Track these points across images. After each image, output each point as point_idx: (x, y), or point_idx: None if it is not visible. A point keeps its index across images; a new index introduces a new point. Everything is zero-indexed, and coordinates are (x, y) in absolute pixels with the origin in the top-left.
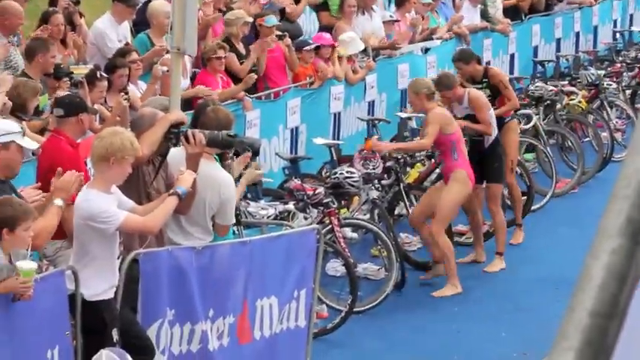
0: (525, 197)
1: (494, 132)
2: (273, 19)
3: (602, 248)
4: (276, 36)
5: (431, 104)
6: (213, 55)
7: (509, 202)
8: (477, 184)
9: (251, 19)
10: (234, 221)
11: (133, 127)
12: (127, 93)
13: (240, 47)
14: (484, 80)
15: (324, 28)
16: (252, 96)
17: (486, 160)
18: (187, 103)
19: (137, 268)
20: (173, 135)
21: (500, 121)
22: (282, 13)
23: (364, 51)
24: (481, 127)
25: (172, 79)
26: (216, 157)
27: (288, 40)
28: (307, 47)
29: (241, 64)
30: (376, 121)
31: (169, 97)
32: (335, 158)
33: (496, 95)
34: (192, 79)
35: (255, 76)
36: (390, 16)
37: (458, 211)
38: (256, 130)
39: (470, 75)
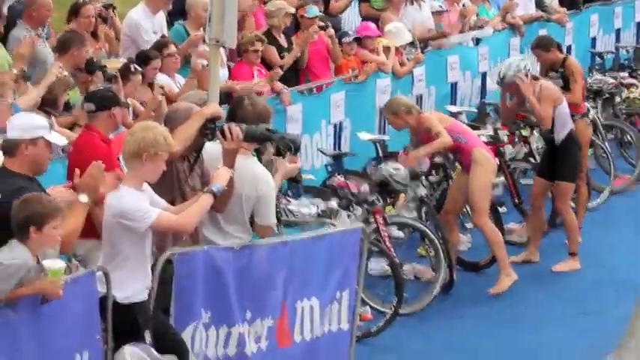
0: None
1: (566, 128)
2: (314, 10)
3: None
4: (319, 27)
5: (413, 117)
6: (251, 47)
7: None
8: (547, 181)
9: (293, 10)
10: (274, 221)
11: (167, 122)
12: (162, 87)
13: (282, 39)
14: (560, 70)
15: (365, 20)
16: (292, 89)
17: (558, 157)
18: (226, 97)
19: (171, 268)
20: (209, 130)
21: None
22: (325, 3)
23: (412, 43)
24: (539, 113)
25: (211, 72)
26: (254, 152)
27: (331, 31)
28: (347, 39)
29: (282, 57)
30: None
31: (207, 91)
32: (380, 154)
33: (568, 87)
34: (228, 71)
35: (281, 72)
36: (440, 7)
37: (490, 192)
38: (298, 125)
39: (550, 63)
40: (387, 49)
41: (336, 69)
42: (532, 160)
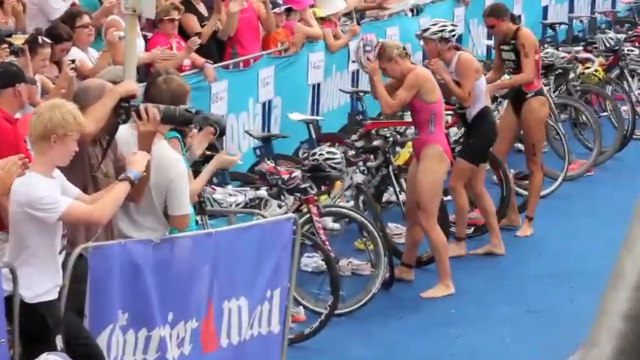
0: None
1: (479, 104)
2: None
3: None
4: None
5: (409, 64)
6: (166, 16)
7: (521, 190)
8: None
9: None
10: (189, 211)
11: (76, 101)
12: (72, 61)
13: (202, 8)
14: (512, 42)
15: None
16: (216, 64)
17: (467, 135)
18: (145, 74)
19: (84, 264)
20: (123, 110)
21: (520, 96)
22: None
23: (347, 14)
24: (457, 92)
25: (127, 46)
26: (178, 134)
27: None
28: (277, 9)
29: (202, 26)
30: (362, 94)
31: (124, 67)
32: (314, 137)
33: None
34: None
35: (199, 40)
36: None
37: (440, 193)
38: (223, 105)
39: (502, 34)
40: (320, 20)
41: (264, 42)
42: None
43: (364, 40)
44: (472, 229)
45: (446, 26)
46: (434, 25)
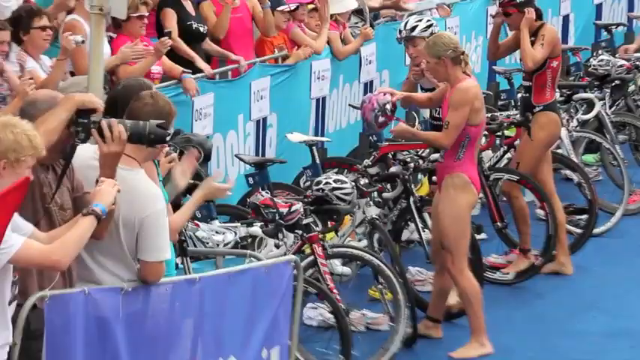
0: (587, 216)
1: None
2: None
3: None
4: None
5: (459, 72)
6: (134, 13)
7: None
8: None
9: None
10: (167, 257)
11: (22, 118)
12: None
13: (189, 6)
14: (531, 39)
15: None
16: (199, 75)
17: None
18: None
19: (38, 318)
20: (81, 127)
21: (528, 109)
22: None
23: (358, 12)
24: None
25: (92, 51)
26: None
27: None
28: (282, 7)
29: (189, 27)
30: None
31: (88, 76)
32: (318, 162)
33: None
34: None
35: (170, 41)
36: None
37: (467, 229)
38: (208, 123)
39: (517, 27)
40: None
41: (257, 47)
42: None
43: (376, 105)
44: (512, 273)
45: (432, 23)
46: (419, 21)
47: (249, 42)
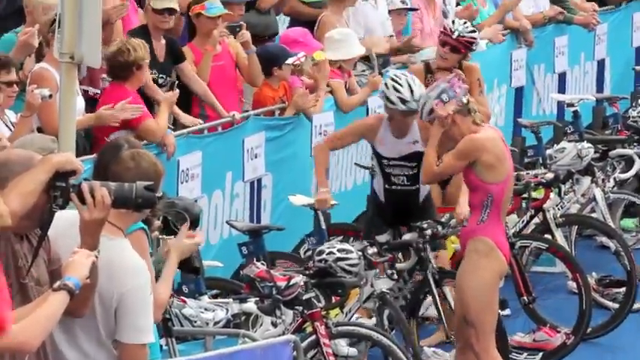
0: (625, 289)
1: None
2: (217, 5)
3: None
4: (228, 28)
5: (470, 124)
6: (142, 61)
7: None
8: None
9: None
10: (151, 339)
11: None
12: None
13: (159, 50)
14: None
15: (293, 23)
16: (181, 131)
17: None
18: (87, 142)
19: None
20: (59, 191)
21: None
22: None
23: (366, 59)
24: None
25: (62, 106)
26: (144, 225)
27: (247, 35)
28: (292, 60)
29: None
30: None
31: (58, 133)
32: (323, 227)
33: None
34: (92, 101)
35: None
36: (402, 2)
37: (494, 302)
38: (196, 185)
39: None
40: (321, 65)
41: (255, 99)
42: (548, 236)
43: (455, 90)
44: (539, 355)
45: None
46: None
47: (233, 93)
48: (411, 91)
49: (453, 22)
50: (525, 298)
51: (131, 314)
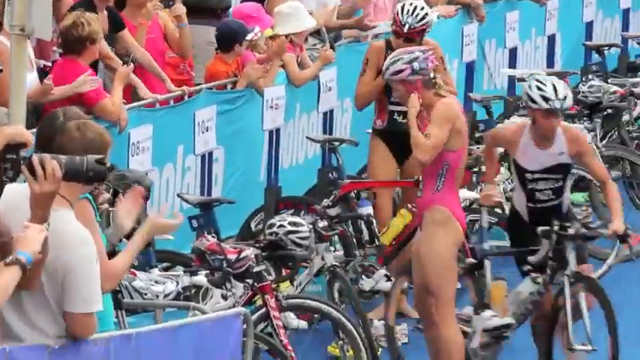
0: None
1: None
2: None
3: None
4: (161, 1)
5: (431, 95)
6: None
7: None
8: None
9: None
10: (98, 308)
11: None
12: None
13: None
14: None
15: None
16: (135, 104)
17: None
18: (35, 114)
19: None
20: (10, 163)
21: None
22: None
23: (316, 33)
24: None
25: (13, 78)
26: (89, 195)
27: (180, 9)
28: (250, 36)
29: None
30: (337, 143)
31: (8, 104)
32: (270, 201)
33: None
34: (41, 73)
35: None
36: None
37: (453, 270)
38: (146, 158)
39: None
40: (273, 39)
41: (209, 74)
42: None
43: (426, 64)
44: None
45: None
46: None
47: (163, 67)
48: (555, 90)
49: (402, 9)
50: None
51: (77, 284)
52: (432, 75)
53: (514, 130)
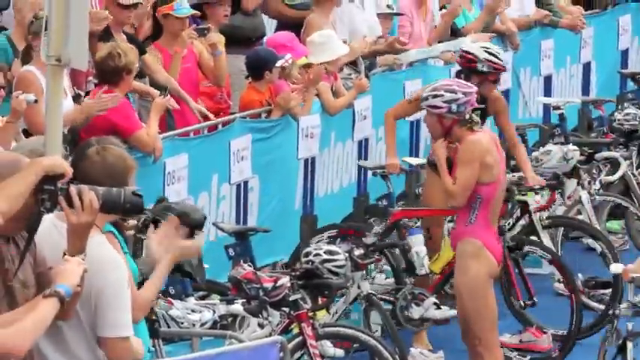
0: (610, 290)
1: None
2: (186, 6)
3: None
4: (196, 30)
5: (462, 130)
6: (132, 65)
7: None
8: None
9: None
10: (129, 332)
11: None
12: None
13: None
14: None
15: (280, 27)
16: (169, 133)
17: None
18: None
19: None
20: (47, 194)
21: None
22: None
23: (352, 63)
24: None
25: (49, 108)
26: (114, 229)
27: (215, 37)
28: (280, 62)
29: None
30: (378, 172)
31: (45, 136)
32: (306, 230)
33: None
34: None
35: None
36: (388, 6)
37: (491, 302)
38: (183, 187)
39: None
40: (307, 68)
41: (242, 103)
42: (536, 238)
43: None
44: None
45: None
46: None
47: (197, 95)
48: None
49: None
50: (521, 302)
51: (109, 308)
52: (467, 116)
53: None
